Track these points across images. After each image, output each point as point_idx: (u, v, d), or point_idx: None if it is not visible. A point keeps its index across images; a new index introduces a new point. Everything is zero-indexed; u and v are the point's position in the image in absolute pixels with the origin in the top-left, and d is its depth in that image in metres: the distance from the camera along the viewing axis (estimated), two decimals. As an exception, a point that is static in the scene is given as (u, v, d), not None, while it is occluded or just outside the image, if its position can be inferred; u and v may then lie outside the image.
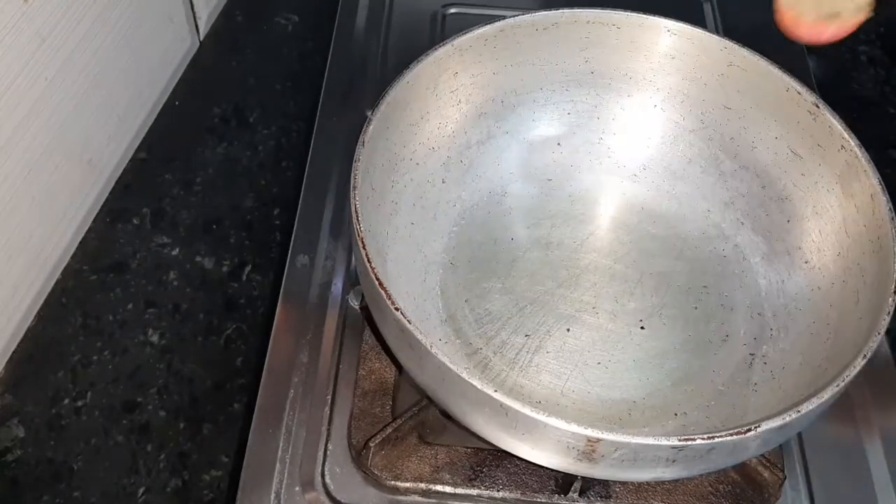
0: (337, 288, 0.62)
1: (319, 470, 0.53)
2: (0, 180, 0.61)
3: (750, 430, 0.42)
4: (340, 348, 0.59)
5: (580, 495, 0.52)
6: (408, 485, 0.53)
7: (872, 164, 0.53)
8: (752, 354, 0.57)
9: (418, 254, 0.59)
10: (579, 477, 0.52)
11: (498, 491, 0.53)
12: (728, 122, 0.62)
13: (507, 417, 0.43)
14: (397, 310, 0.45)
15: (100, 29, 0.69)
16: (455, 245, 0.62)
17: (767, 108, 0.60)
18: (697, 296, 0.60)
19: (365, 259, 0.47)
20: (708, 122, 0.63)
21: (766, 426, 0.43)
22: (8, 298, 0.64)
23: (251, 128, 0.81)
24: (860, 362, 0.45)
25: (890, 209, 0.51)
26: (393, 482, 0.53)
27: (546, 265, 0.61)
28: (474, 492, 0.53)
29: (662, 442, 0.42)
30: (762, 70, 0.59)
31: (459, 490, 0.53)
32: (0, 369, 0.65)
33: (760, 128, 0.60)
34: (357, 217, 0.49)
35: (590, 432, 0.42)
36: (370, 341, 0.58)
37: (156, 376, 0.66)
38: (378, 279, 0.46)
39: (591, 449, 0.43)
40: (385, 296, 0.46)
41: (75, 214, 0.71)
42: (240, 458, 0.54)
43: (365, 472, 0.53)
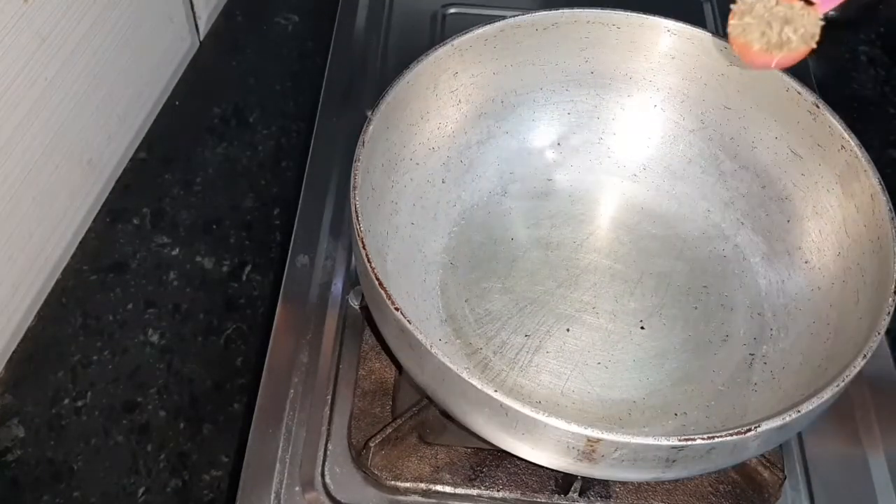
0: (337, 288, 0.62)
1: (319, 470, 0.53)
2: (0, 180, 0.61)
3: (750, 430, 0.42)
4: (340, 348, 0.59)
5: (580, 495, 0.52)
6: (408, 485, 0.53)
7: (872, 164, 0.53)
8: (752, 354, 0.57)
9: (418, 254, 0.59)
10: (579, 477, 0.52)
11: (498, 491, 0.53)
12: (728, 122, 0.62)
13: (507, 417, 0.43)
14: (397, 310, 0.45)
15: (100, 29, 0.69)
16: (455, 245, 0.62)
17: (767, 108, 0.60)
18: (697, 296, 0.60)
19: (365, 259, 0.47)
20: (708, 122, 0.63)
21: (766, 426, 0.43)
22: (8, 298, 0.64)
23: (251, 128, 0.81)
24: (860, 362, 0.45)
25: (890, 209, 0.51)
26: (393, 482, 0.53)
27: (546, 265, 0.61)
28: (474, 492, 0.53)
29: (662, 442, 0.42)
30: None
31: (459, 490, 0.53)
32: (0, 369, 0.65)
33: (760, 128, 0.61)
34: (357, 217, 0.49)
35: (590, 432, 0.42)
36: (370, 341, 0.58)
37: (156, 376, 0.66)
38: (378, 279, 0.46)
39: (591, 449, 0.43)
40: (385, 296, 0.46)
41: (75, 214, 0.71)
42: (240, 458, 0.54)
43: (365, 472, 0.53)
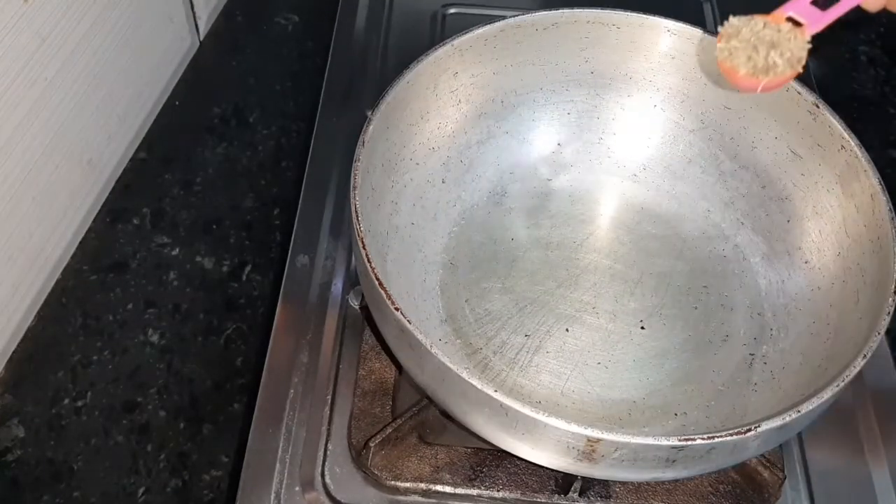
0: (337, 288, 0.62)
1: (319, 470, 0.53)
2: (0, 180, 0.61)
3: (750, 430, 0.42)
4: (340, 348, 0.59)
5: (580, 495, 0.52)
6: (408, 485, 0.53)
7: (872, 164, 0.53)
8: (752, 354, 0.57)
9: (418, 254, 0.59)
10: (579, 477, 0.52)
11: (498, 491, 0.53)
12: (728, 122, 0.62)
13: (507, 417, 0.43)
14: (397, 310, 0.45)
15: (100, 29, 0.69)
16: (455, 245, 0.62)
17: (767, 108, 0.60)
18: (697, 296, 0.60)
19: (365, 259, 0.47)
20: (708, 122, 0.63)
21: (766, 426, 0.43)
22: (8, 298, 0.64)
23: (251, 128, 0.81)
24: (860, 362, 0.45)
25: (890, 209, 0.51)
26: (393, 482, 0.53)
27: (546, 265, 0.61)
28: (474, 492, 0.53)
29: (662, 442, 0.42)
30: (762, 70, 0.59)
31: (459, 490, 0.53)
32: (0, 369, 0.65)
33: (760, 128, 0.61)
34: (357, 217, 0.49)
35: (590, 432, 0.42)
36: (370, 341, 0.58)
37: (156, 376, 0.66)
38: (378, 279, 0.46)
39: (591, 449, 0.43)
40: (385, 296, 0.46)
41: (75, 214, 0.71)
42: (240, 458, 0.54)
43: (365, 472, 0.53)
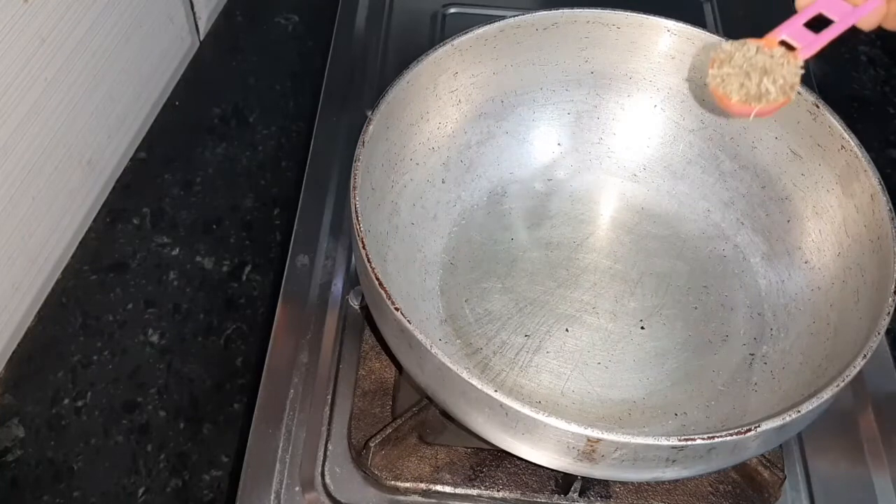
0: (337, 288, 0.62)
1: (319, 470, 0.53)
2: (0, 180, 0.61)
3: (750, 430, 0.42)
4: (340, 348, 0.59)
5: (580, 495, 0.52)
6: (408, 485, 0.53)
7: (872, 164, 0.53)
8: (752, 354, 0.57)
9: (418, 254, 0.59)
10: (579, 477, 0.52)
11: (498, 491, 0.53)
12: (728, 122, 0.62)
13: (507, 417, 0.43)
14: (397, 310, 0.45)
15: (99, 29, 0.69)
16: (455, 245, 0.62)
17: (767, 108, 0.60)
18: (697, 296, 0.60)
19: (365, 259, 0.47)
20: (708, 122, 0.63)
21: (766, 426, 0.43)
22: (8, 298, 0.64)
23: (251, 128, 0.81)
24: (860, 362, 0.45)
25: (890, 209, 0.51)
26: (393, 482, 0.53)
27: (546, 265, 0.61)
28: (474, 492, 0.53)
29: (662, 442, 0.42)
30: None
31: (459, 490, 0.53)
32: (0, 369, 0.65)
33: (760, 128, 0.60)
34: (357, 217, 0.49)
35: (590, 432, 0.42)
36: (370, 341, 0.58)
37: (156, 376, 0.66)
38: (378, 279, 0.46)
39: (591, 449, 0.43)
40: (385, 296, 0.46)
41: (75, 214, 0.71)
42: (240, 458, 0.54)
43: (365, 472, 0.53)
